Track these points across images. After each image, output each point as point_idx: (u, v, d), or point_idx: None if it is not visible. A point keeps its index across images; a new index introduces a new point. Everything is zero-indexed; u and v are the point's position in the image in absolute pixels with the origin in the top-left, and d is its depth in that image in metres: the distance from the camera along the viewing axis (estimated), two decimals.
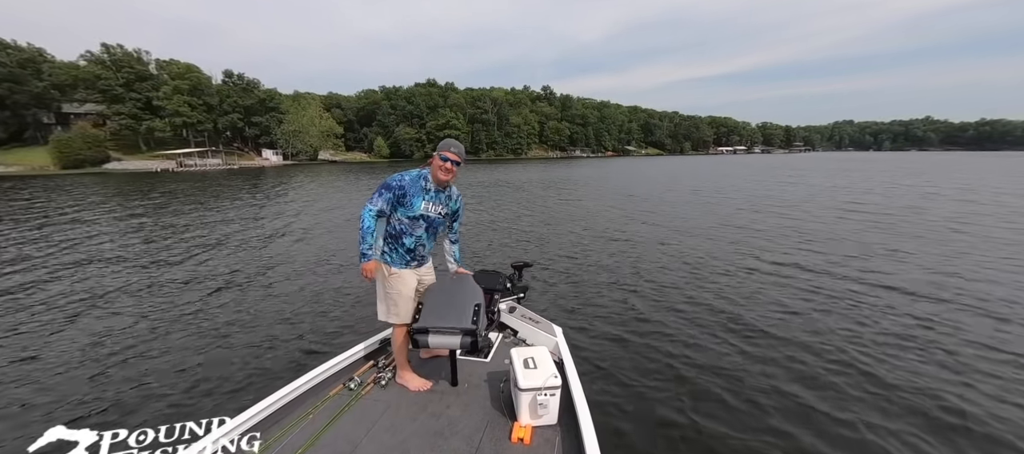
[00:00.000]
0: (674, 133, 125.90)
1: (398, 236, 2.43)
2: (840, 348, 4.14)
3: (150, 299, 5.68)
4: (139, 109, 50.34)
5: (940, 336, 4.43)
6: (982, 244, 8.47)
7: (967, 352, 4.09)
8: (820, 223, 11.01)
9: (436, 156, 2.39)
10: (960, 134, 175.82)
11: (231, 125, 59.48)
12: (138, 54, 54.67)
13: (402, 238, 2.43)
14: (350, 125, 75.49)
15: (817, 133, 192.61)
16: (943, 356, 4.02)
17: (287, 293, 5.90)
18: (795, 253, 7.94)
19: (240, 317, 5.02)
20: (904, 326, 4.66)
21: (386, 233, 2.45)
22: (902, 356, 4.02)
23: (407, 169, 2.47)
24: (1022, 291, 5.71)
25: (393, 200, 2.38)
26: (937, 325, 4.68)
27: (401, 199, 2.38)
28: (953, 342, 4.29)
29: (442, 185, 2.44)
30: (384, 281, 2.45)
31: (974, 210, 12.99)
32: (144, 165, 45.72)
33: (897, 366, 3.84)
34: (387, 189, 2.36)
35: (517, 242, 9.23)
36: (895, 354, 4.05)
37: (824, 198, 16.41)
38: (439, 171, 2.38)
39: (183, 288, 6.15)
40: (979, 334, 4.45)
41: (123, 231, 10.76)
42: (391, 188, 2.37)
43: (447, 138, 2.50)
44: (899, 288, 5.88)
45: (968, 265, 6.98)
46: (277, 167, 52.41)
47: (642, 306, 5.29)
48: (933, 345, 4.24)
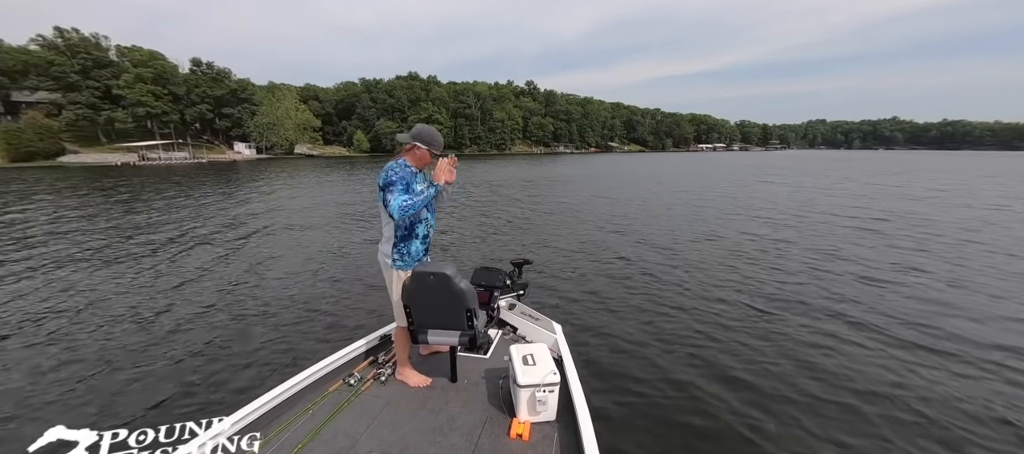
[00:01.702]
0: (656, 130, 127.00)
1: (411, 228, 2.39)
2: (846, 351, 4.06)
3: (150, 298, 5.53)
4: (97, 98, 47.05)
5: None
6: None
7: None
8: (827, 226, 10.65)
9: (425, 147, 2.37)
10: (924, 134, 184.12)
11: (200, 116, 56.43)
12: (96, 39, 51.11)
13: (415, 228, 2.40)
14: (328, 118, 72.82)
15: (792, 131, 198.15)
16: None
17: (285, 290, 5.79)
18: (794, 252, 7.77)
19: (238, 315, 4.95)
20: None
21: (396, 236, 2.38)
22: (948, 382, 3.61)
23: (386, 163, 2.36)
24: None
25: (405, 186, 2.28)
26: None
27: (407, 188, 2.29)
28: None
29: (421, 167, 2.45)
30: (396, 283, 2.40)
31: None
32: (103, 158, 42.75)
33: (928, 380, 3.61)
34: (398, 180, 2.26)
35: (516, 243, 8.58)
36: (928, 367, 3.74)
37: (832, 202, 16.03)
38: (429, 160, 2.41)
39: (182, 288, 5.94)
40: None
41: (120, 230, 10.05)
42: (401, 179, 2.27)
43: (427, 126, 2.42)
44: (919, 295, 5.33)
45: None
46: (250, 161, 49.91)
47: (642, 304, 5.25)
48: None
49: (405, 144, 2.38)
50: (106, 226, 10.52)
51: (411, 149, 2.37)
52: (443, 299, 2.28)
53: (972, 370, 3.75)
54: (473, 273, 3.30)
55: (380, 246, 2.48)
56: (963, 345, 4.19)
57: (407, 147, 2.38)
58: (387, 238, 2.41)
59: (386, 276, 2.45)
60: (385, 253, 2.42)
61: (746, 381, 3.53)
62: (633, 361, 3.87)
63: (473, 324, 2.32)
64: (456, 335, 2.36)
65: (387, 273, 2.44)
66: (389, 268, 2.40)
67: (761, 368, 3.73)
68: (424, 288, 2.28)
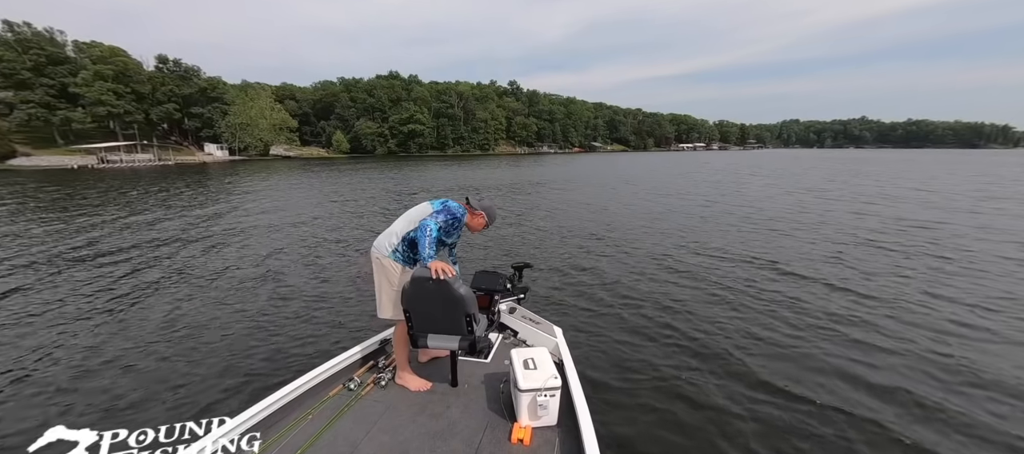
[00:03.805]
0: (638, 130, 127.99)
1: (416, 245, 2.41)
2: (850, 355, 3.96)
3: (149, 299, 5.49)
4: (52, 97, 44.06)
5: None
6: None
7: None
8: (826, 226, 10.29)
9: (486, 221, 2.62)
10: (891, 133, 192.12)
11: (167, 116, 53.63)
12: (50, 34, 47.97)
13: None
14: (306, 118, 70.36)
15: (767, 131, 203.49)
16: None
17: (283, 294, 5.66)
18: (792, 249, 7.71)
19: (238, 318, 4.86)
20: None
21: (406, 238, 2.42)
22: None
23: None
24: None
25: (448, 227, 2.43)
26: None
27: (450, 230, 2.47)
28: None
29: (472, 228, 2.63)
30: (397, 279, 2.40)
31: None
32: (58, 161, 39.84)
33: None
34: (451, 215, 2.43)
35: (515, 250, 7.79)
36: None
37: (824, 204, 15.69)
38: (478, 230, 2.65)
39: (179, 288, 5.91)
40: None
41: (116, 230, 9.34)
42: (454, 217, 2.44)
43: (495, 208, 2.68)
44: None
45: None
46: (222, 163, 47.51)
47: (643, 307, 5.16)
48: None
49: (475, 208, 2.57)
50: (105, 224, 9.41)
51: (477, 214, 2.58)
52: (443, 304, 2.22)
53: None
54: (473, 277, 3.21)
55: (381, 238, 2.44)
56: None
57: (474, 211, 2.57)
58: (395, 232, 2.42)
59: (380, 268, 2.41)
60: (388, 244, 2.40)
61: (750, 384, 3.47)
62: (635, 364, 3.78)
63: (473, 329, 2.28)
64: (456, 340, 2.31)
65: (383, 264, 2.40)
66: (387, 257, 2.39)
67: (765, 371, 3.64)
68: (424, 293, 2.21)
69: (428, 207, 2.44)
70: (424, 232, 2.25)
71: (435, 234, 2.27)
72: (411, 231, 2.39)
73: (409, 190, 18.99)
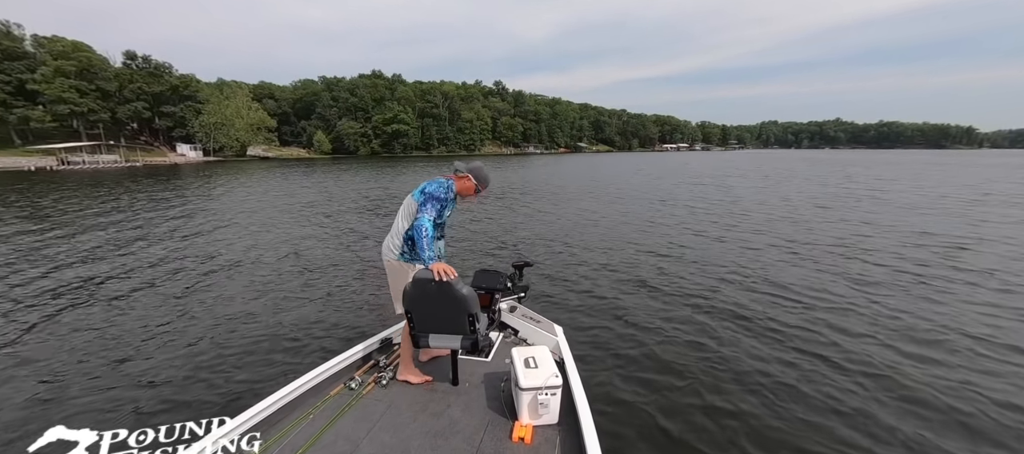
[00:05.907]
0: (623, 130, 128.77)
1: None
2: (847, 353, 3.89)
3: (149, 300, 5.39)
4: (8, 94, 41.25)
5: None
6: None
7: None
8: (824, 221, 10.05)
9: (475, 182, 2.49)
10: (864, 134, 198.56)
11: (135, 115, 51.02)
12: (7, 28, 45.02)
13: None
14: (286, 118, 68.12)
15: (747, 132, 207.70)
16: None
17: (287, 293, 5.58)
18: (792, 249, 7.73)
19: (239, 317, 4.76)
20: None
21: (408, 236, 2.43)
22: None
23: (434, 178, 2.45)
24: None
25: (439, 209, 2.40)
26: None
27: (443, 211, 2.43)
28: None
29: (462, 195, 2.54)
30: (405, 277, 2.38)
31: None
32: (13, 162, 37.20)
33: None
34: (436, 200, 2.38)
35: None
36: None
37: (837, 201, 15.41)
38: (471, 194, 2.52)
39: (179, 289, 5.82)
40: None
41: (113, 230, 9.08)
42: (439, 200, 2.39)
43: (483, 167, 2.55)
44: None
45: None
46: (195, 164, 45.27)
47: (644, 306, 5.08)
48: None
49: (460, 172, 2.49)
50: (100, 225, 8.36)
51: (463, 178, 2.49)
52: (444, 304, 2.21)
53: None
54: (474, 276, 3.19)
55: (387, 241, 2.48)
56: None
57: (460, 175, 2.49)
58: (398, 233, 2.44)
59: (392, 270, 2.46)
60: (394, 246, 2.44)
61: (751, 384, 3.42)
62: (636, 363, 3.75)
63: (475, 328, 2.26)
64: (457, 339, 2.30)
65: (394, 266, 2.45)
66: (396, 260, 2.44)
67: (767, 371, 3.59)
68: (425, 293, 2.20)
69: (412, 203, 2.41)
70: (420, 234, 2.25)
71: (432, 232, 2.26)
72: (411, 229, 2.39)
73: (406, 191, 18.08)
